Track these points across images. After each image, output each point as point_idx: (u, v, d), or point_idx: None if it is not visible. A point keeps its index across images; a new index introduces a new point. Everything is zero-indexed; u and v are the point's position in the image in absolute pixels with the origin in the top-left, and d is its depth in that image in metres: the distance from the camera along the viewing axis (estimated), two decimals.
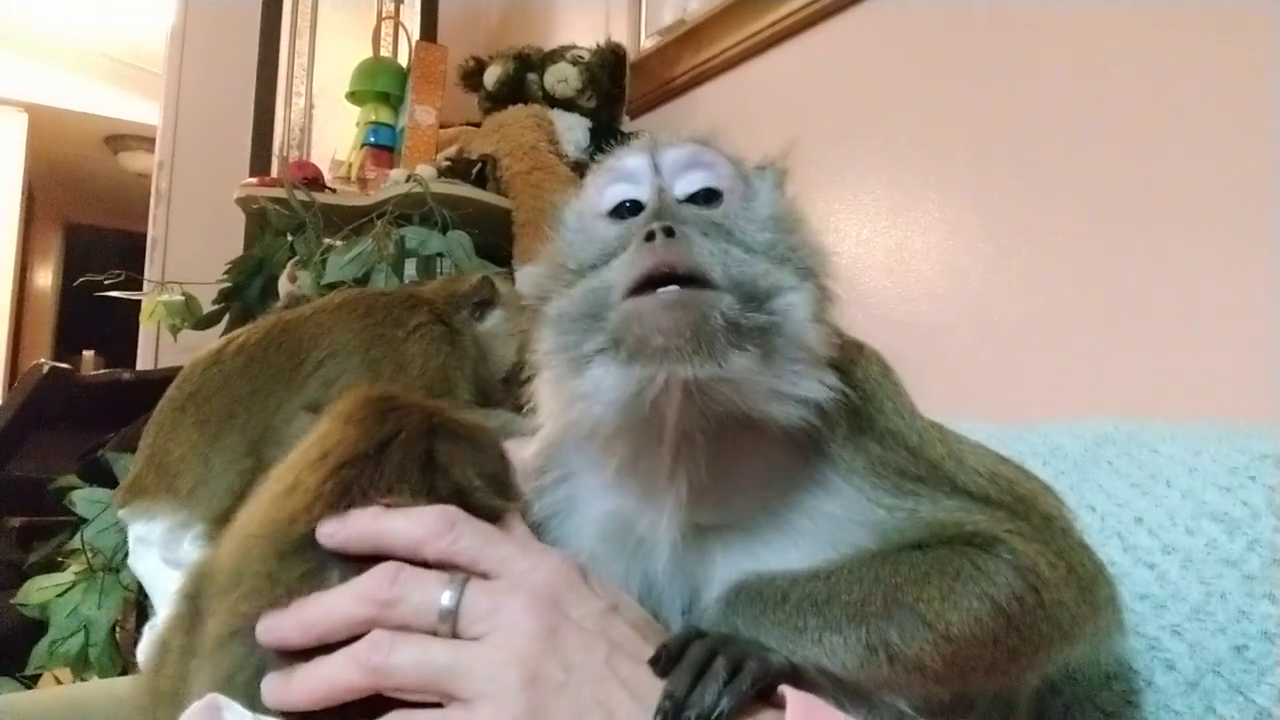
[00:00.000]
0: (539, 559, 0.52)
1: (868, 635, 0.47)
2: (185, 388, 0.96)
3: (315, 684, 0.49)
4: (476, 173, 1.85)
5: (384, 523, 0.52)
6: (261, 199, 1.77)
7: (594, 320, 0.49)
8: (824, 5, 1.62)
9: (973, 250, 1.36)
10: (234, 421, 0.91)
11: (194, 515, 0.87)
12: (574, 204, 0.60)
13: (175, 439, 0.92)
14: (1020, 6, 1.33)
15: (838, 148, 1.57)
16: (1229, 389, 1.02)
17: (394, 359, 0.96)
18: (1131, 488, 0.80)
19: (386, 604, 0.49)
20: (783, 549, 0.52)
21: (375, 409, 0.57)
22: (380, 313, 0.99)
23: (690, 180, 0.55)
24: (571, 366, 0.50)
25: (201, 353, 1.02)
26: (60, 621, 1.55)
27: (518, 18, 2.70)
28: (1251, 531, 0.69)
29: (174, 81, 2.65)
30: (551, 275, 0.55)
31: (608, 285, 0.50)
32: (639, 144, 0.58)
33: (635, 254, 0.49)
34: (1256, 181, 1.02)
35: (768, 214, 0.55)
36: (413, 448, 0.55)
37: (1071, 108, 1.24)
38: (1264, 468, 0.73)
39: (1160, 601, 0.71)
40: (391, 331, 0.98)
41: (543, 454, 0.61)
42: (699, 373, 0.46)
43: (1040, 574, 0.49)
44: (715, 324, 0.46)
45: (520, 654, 0.47)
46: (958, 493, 0.52)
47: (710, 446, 0.50)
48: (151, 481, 0.91)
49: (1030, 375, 1.25)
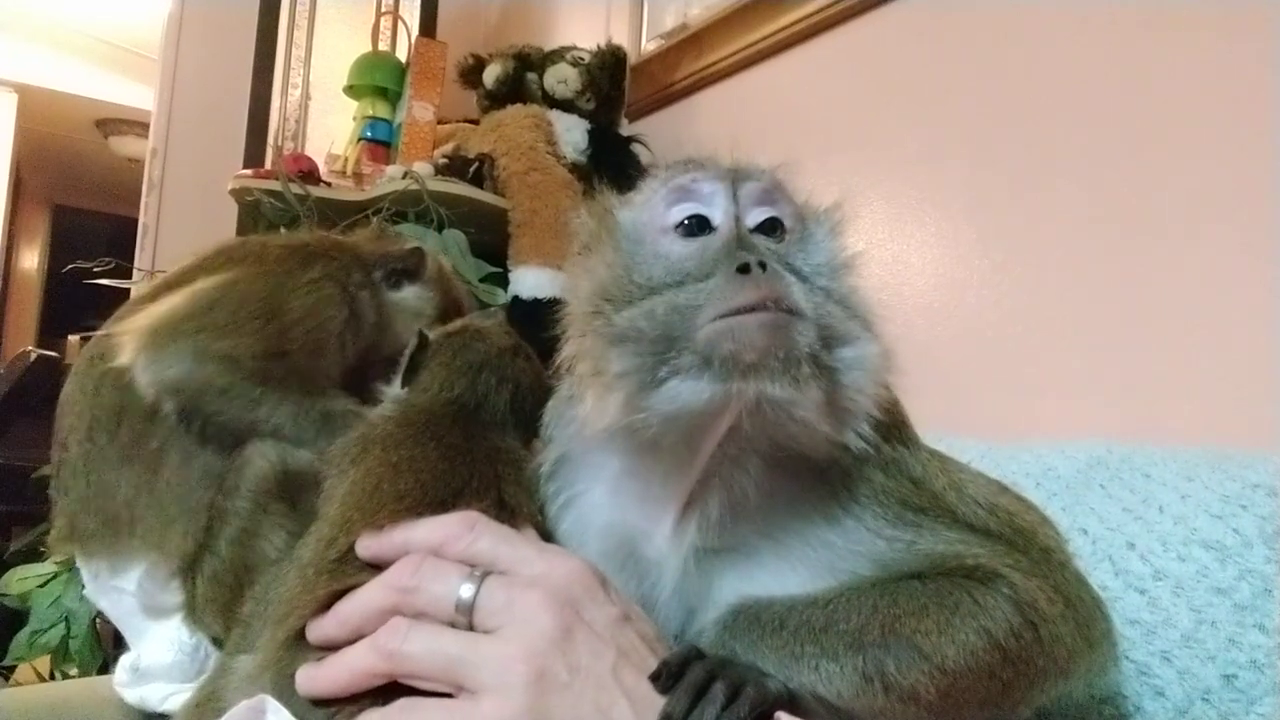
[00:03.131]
0: (558, 560, 0.53)
1: (864, 664, 0.47)
2: (85, 415, 0.80)
3: (339, 671, 0.51)
4: (473, 171, 1.84)
5: (410, 531, 0.54)
6: (256, 191, 1.76)
7: (674, 341, 0.48)
8: (826, 16, 1.62)
9: (969, 265, 1.36)
10: (153, 445, 0.78)
11: (163, 558, 0.78)
12: (628, 214, 0.58)
13: (107, 479, 0.79)
14: (1020, 22, 1.33)
15: (835, 159, 1.57)
16: (1226, 412, 1.02)
17: (273, 303, 0.82)
18: (1124, 512, 0.80)
19: (407, 591, 0.51)
20: (781, 574, 0.52)
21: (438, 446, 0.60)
22: (271, 264, 0.86)
23: (761, 212, 0.56)
24: (643, 385, 0.49)
25: (79, 362, 0.86)
26: (41, 612, 1.54)
27: (518, 16, 2.69)
28: (1243, 561, 0.70)
29: (169, 68, 2.63)
30: (614, 284, 0.53)
31: (692, 306, 0.49)
32: (715, 169, 0.57)
33: (729, 283, 0.48)
34: (1256, 202, 1.03)
35: (825, 260, 0.55)
36: (486, 495, 0.58)
37: (1070, 125, 1.24)
38: (1256, 497, 0.73)
39: (1151, 628, 0.72)
40: (282, 280, 0.84)
41: (552, 467, 0.61)
42: (779, 393, 0.46)
43: (1039, 609, 0.49)
44: (803, 351, 0.47)
45: (530, 650, 0.48)
46: (958, 525, 0.52)
47: (741, 469, 0.51)
48: (96, 528, 0.79)
49: (1025, 392, 1.26)
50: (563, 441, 0.61)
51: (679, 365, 0.48)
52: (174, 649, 0.81)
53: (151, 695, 0.82)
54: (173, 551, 0.78)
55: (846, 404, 0.49)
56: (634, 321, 0.50)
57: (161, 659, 0.81)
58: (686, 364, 0.48)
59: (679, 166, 0.59)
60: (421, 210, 1.69)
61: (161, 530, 0.78)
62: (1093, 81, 1.22)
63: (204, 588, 0.77)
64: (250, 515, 0.77)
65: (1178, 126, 1.12)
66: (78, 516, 0.80)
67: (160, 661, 0.81)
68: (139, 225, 2.56)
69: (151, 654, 0.82)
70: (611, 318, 0.51)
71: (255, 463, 0.78)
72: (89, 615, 1.51)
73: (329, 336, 0.86)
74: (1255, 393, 0.99)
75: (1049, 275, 1.25)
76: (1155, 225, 1.13)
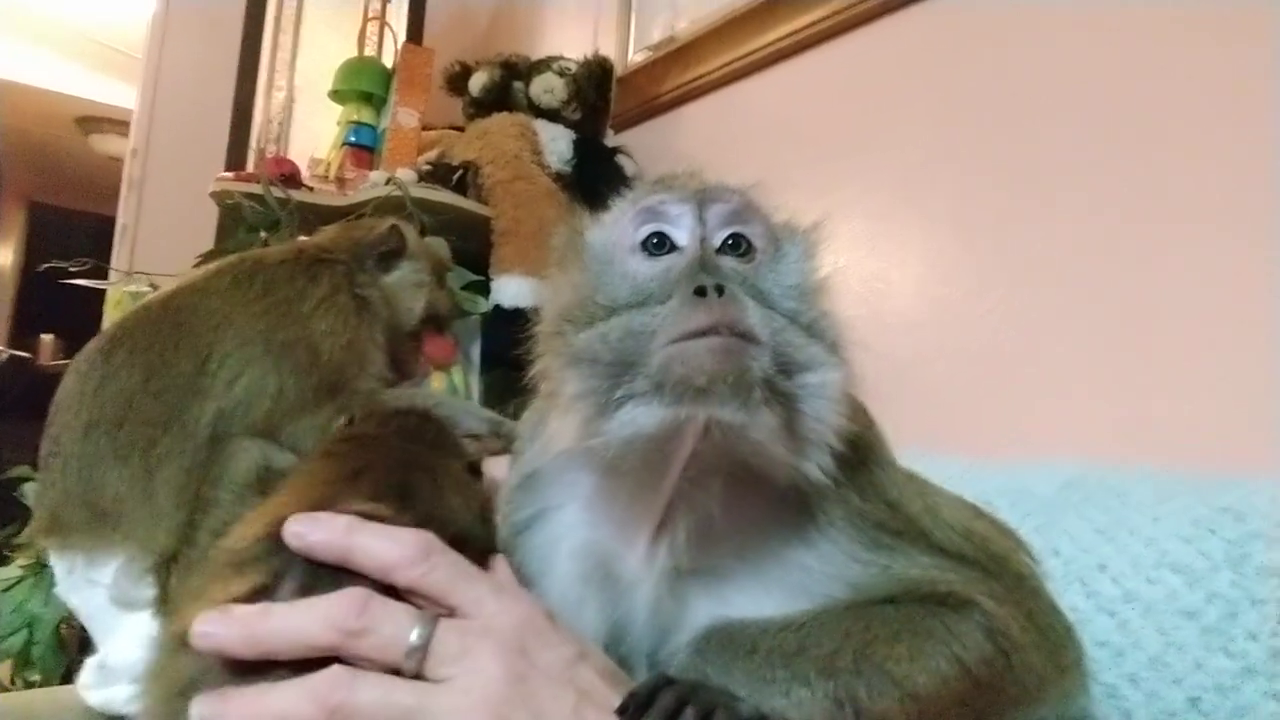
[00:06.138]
0: (509, 603, 0.51)
1: (835, 690, 0.47)
2: (83, 413, 0.83)
3: (260, 715, 0.46)
4: (457, 179, 1.84)
5: (358, 536, 0.50)
6: (237, 194, 1.75)
7: (629, 366, 0.48)
8: (814, 31, 1.63)
9: (951, 282, 1.37)
10: (159, 450, 0.81)
11: (143, 554, 0.80)
12: (598, 232, 0.58)
13: (101, 476, 0.81)
14: (1008, 39, 1.34)
15: (819, 174, 1.58)
16: (1213, 430, 1.02)
17: (305, 342, 0.87)
18: (1096, 534, 0.81)
19: (353, 634, 0.47)
20: (756, 597, 0.52)
21: (352, 445, 0.58)
22: (281, 286, 0.89)
23: (728, 231, 0.55)
24: (599, 409, 0.48)
25: (80, 361, 0.87)
26: (4, 617, 1.51)
27: (506, 24, 2.69)
28: (1210, 584, 0.71)
29: (152, 68, 2.60)
30: (577, 305, 0.53)
31: (647, 330, 0.48)
32: (683, 190, 0.56)
33: (684, 307, 0.48)
34: (1249, 223, 1.03)
35: (796, 282, 0.54)
36: (390, 475, 0.55)
37: (1059, 141, 1.25)
38: (1224, 521, 0.74)
39: (1119, 649, 0.73)
40: (297, 307, 0.88)
41: (521, 481, 0.60)
42: (730, 417, 0.46)
43: (1011, 638, 0.49)
44: (755, 376, 0.46)
45: (488, 700, 0.46)
46: (932, 549, 0.53)
47: (705, 492, 0.50)
48: (81, 521, 0.81)
49: (1006, 410, 1.26)
50: (534, 457, 0.60)
51: (633, 389, 0.47)
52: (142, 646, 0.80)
53: (117, 697, 0.82)
54: (154, 547, 0.80)
55: (806, 433, 0.48)
56: (591, 343, 0.49)
57: (129, 656, 0.81)
58: (640, 388, 0.47)
59: (649, 186, 0.59)
60: (404, 217, 1.67)
61: (149, 526, 0.80)
62: (1082, 97, 1.23)
63: (179, 578, 0.79)
64: (230, 507, 0.79)
65: (1164, 142, 1.13)
66: (63, 509, 0.82)
67: (128, 659, 0.81)
68: (117, 225, 2.53)
69: (119, 652, 0.82)
70: (571, 339, 0.51)
71: (239, 457, 0.81)
72: (53, 621, 1.48)
73: (360, 340, 0.92)
74: (1243, 411, 1.00)
75: (1033, 292, 1.26)
76: (1143, 243, 1.14)
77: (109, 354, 0.85)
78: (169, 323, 0.87)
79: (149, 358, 0.84)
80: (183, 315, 0.87)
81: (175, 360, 0.84)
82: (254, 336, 0.86)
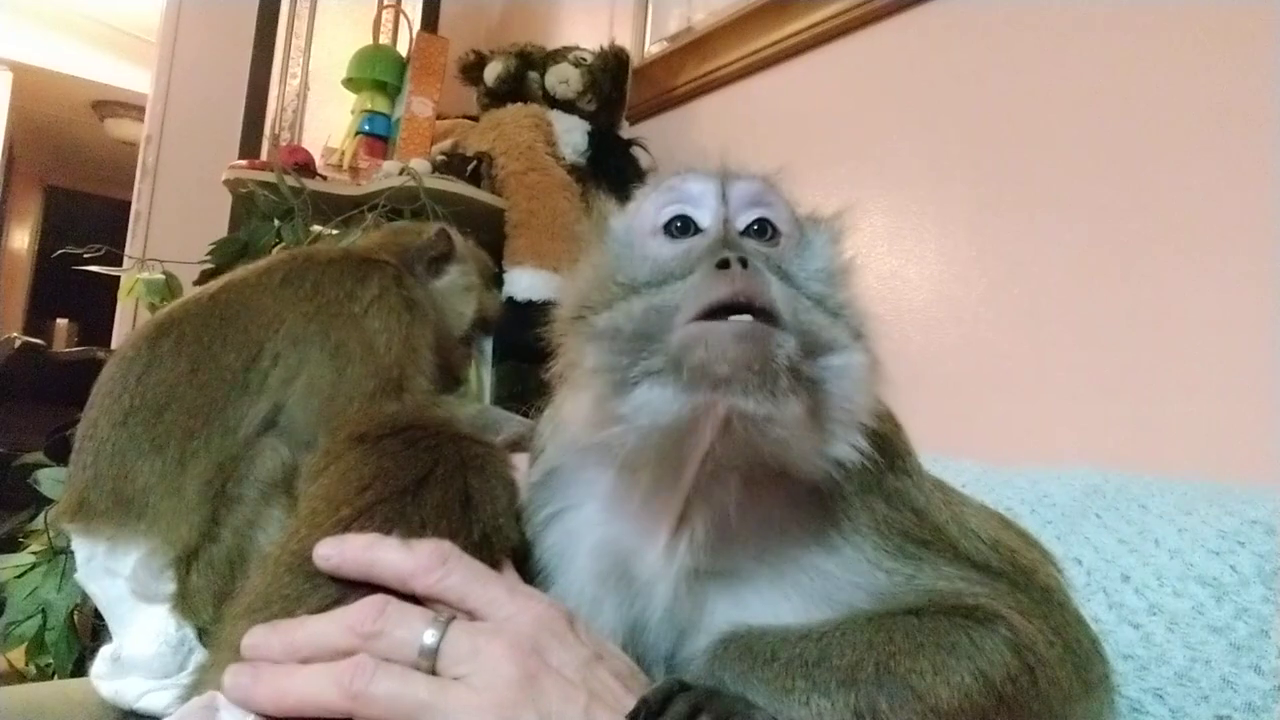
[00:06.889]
0: (525, 603, 0.51)
1: (856, 701, 0.45)
2: (123, 399, 0.82)
3: (286, 692, 0.49)
4: (471, 170, 1.82)
5: (376, 551, 0.53)
6: (250, 182, 1.74)
7: (649, 341, 0.47)
8: (832, 25, 1.61)
9: (967, 282, 1.35)
10: (196, 443, 0.81)
11: (166, 547, 0.80)
12: (621, 217, 0.58)
13: (132, 464, 0.80)
14: (1026, 38, 1.32)
15: (835, 170, 1.57)
16: (1226, 436, 1.01)
17: (359, 340, 0.87)
18: (1119, 543, 0.79)
19: (370, 636, 0.50)
20: (775, 601, 0.51)
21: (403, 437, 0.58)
22: (331, 287, 0.89)
23: (752, 214, 0.54)
24: (616, 386, 0.47)
25: (125, 348, 0.87)
26: (18, 603, 1.51)
27: (521, 14, 2.67)
28: (1240, 599, 0.69)
29: (167, 54, 2.60)
30: (597, 288, 0.52)
31: (669, 305, 0.47)
32: (706, 170, 0.55)
33: (706, 279, 0.46)
34: (1259, 225, 1.02)
35: (821, 266, 0.53)
36: (451, 484, 0.56)
37: (1074, 144, 1.23)
38: (1254, 534, 0.72)
39: (1144, 663, 0.71)
40: (348, 308, 0.88)
41: (541, 479, 0.60)
42: (754, 408, 0.44)
43: (1037, 653, 0.48)
44: (780, 364, 0.44)
45: (498, 700, 0.47)
46: (959, 560, 0.51)
47: (724, 489, 0.49)
48: (107, 507, 0.80)
49: (1021, 411, 1.25)
50: (554, 454, 0.59)
51: (651, 366, 0.46)
52: (158, 640, 0.81)
53: (128, 690, 0.81)
54: (177, 541, 0.80)
55: (835, 414, 0.47)
56: (612, 320, 0.49)
57: (144, 650, 0.81)
58: (658, 365, 0.46)
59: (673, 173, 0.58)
60: (418, 208, 1.67)
61: (173, 520, 0.80)
62: (1098, 100, 1.21)
63: (200, 574, 0.79)
64: (255, 504, 0.80)
65: (1182, 148, 1.11)
66: (90, 493, 0.82)
67: (142, 653, 0.81)
68: (131, 211, 2.53)
69: (134, 644, 0.82)
70: (592, 319, 0.50)
71: (266, 455, 0.82)
72: (66, 607, 1.48)
73: (414, 337, 0.91)
74: (1256, 418, 0.98)
75: (1048, 294, 1.24)
76: (1157, 246, 1.12)
77: (156, 342, 0.85)
78: (218, 316, 0.86)
79: (196, 349, 0.84)
80: (232, 310, 0.87)
81: (223, 354, 0.84)
82: (309, 336, 0.86)
